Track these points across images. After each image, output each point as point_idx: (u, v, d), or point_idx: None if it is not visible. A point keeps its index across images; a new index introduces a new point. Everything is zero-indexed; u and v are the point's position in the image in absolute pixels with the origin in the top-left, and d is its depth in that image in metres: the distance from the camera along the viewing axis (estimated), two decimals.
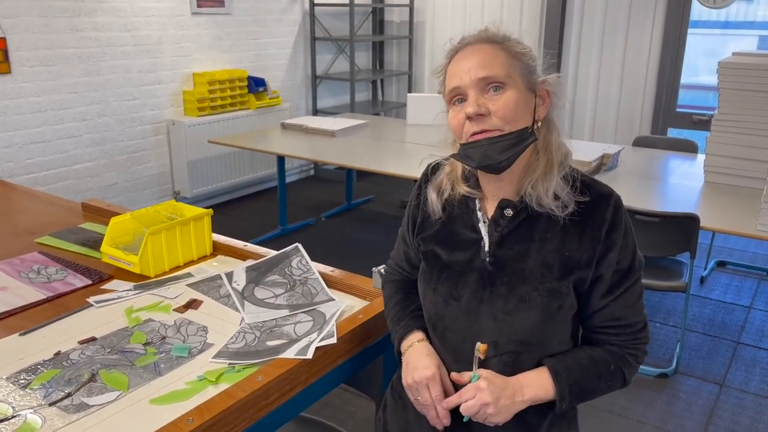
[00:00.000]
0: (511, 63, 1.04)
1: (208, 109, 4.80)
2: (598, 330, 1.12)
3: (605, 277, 1.07)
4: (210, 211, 1.76)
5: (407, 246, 1.26)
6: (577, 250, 1.06)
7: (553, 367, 1.07)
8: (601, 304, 1.09)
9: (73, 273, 1.62)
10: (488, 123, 1.03)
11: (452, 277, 1.13)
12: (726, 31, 10.04)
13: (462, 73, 1.04)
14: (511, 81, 1.03)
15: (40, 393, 1.13)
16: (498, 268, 1.09)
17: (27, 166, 3.95)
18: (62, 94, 4.04)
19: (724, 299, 3.63)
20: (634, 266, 1.09)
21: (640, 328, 1.12)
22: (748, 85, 3.05)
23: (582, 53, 5.23)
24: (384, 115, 6.03)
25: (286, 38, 5.52)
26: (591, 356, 1.10)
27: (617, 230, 1.06)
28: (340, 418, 2.55)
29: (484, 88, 1.03)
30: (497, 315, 1.07)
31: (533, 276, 1.06)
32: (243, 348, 1.27)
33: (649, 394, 2.74)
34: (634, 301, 1.11)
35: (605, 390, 1.12)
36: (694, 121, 4.93)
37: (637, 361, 1.13)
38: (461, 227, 1.14)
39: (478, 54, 1.04)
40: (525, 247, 1.08)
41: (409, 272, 1.29)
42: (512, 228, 1.09)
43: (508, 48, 1.05)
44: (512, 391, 1.06)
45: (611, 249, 1.06)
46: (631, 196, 2.95)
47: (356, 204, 5.24)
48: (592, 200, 1.07)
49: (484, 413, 1.04)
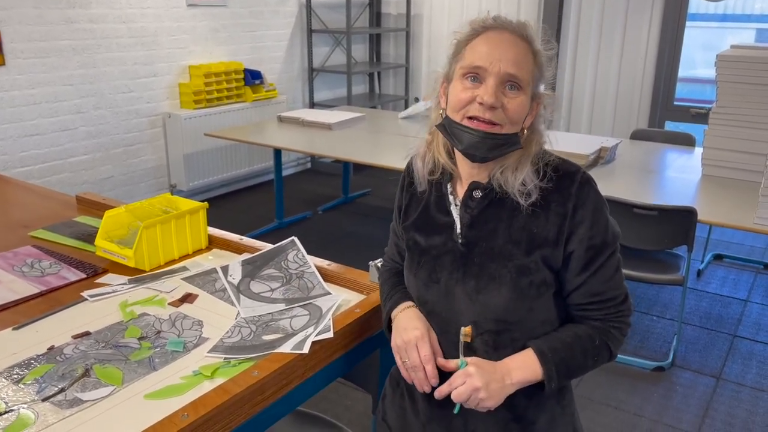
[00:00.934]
0: (533, 71, 1.07)
1: (204, 101, 4.77)
2: (579, 307, 1.13)
3: (578, 254, 1.08)
4: (205, 205, 1.75)
5: (397, 237, 1.29)
6: (544, 226, 1.08)
7: (539, 348, 1.09)
8: (578, 281, 1.10)
9: (67, 267, 1.61)
10: (496, 116, 1.05)
11: (430, 261, 1.15)
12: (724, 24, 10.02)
13: (492, 58, 1.04)
14: (527, 87, 1.06)
15: (33, 388, 1.12)
16: (469, 249, 1.12)
17: (21, 158, 3.93)
18: (57, 87, 4.02)
19: (721, 292, 3.64)
20: (608, 240, 1.10)
21: (621, 301, 1.13)
22: (746, 78, 3.04)
23: (580, 46, 5.22)
24: (381, 108, 6.01)
25: (283, 30, 5.49)
26: (575, 334, 1.11)
27: (584, 206, 1.08)
28: (337, 411, 2.55)
29: (505, 83, 1.05)
30: (471, 295, 1.10)
31: (502, 254, 1.09)
32: (239, 342, 1.26)
33: (645, 387, 2.75)
34: (612, 275, 1.11)
35: (592, 366, 1.13)
36: (691, 115, 4.92)
37: (621, 334, 1.14)
38: (436, 212, 1.18)
39: (515, 48, 1.05)
40: (494, 226, 1.11)
41: (400, 263, 1.31)
42: (482, 209, 1.12)
43: (535, 51, 1.07)
44: (501, 374, 1.07)
45: (580, 225, 1.07)
46: (628, 190, 2.95)
47: (353, 197, 5.23)
48: (558, 178, 1.09)
49: (475, 398, 1.05)
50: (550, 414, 1.17)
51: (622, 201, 2.72)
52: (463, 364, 1.08)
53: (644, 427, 2.50)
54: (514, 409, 1.12)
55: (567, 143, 3.50)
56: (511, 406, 1.11)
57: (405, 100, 6.27)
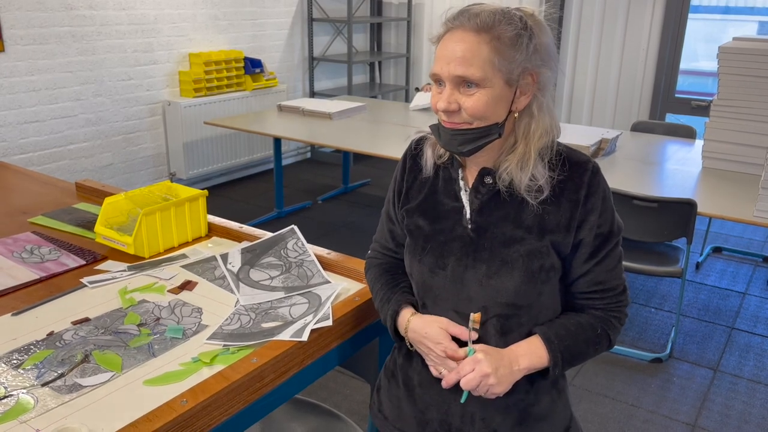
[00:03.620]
0: (492, 61, 1.03)
1: (204, 90, 4.76)
2: (583, 296, 1.15)
3: (587, 241, 1.10)
4: (205, 192, 1.74)
5: (393, 223, 1.28)
6: (556, 212, 1.09)
7: (545, 334, 1.11)
8: (584, 268, 1.12)
9: (66, 253, 1.61)
10: (458, 117, 1.07)
11: (436, 247, 1.15)
12: (726, 17, 9.98)
13: (443, 63, 1.06)
14: (486, 81, 1.03)
15: (32, 373, 1.12)
16: (479, 234, 1.12)
17: (21, 145, 3.92)
18: (56, 73, 4.00)
19: (720, 285, 3.64)
20: (614, 230, 1.12)
21: (620, 291, 1.15)
22: (748, 70, 3.03)
23: (581, 37, 5.20)
24: (381, 98, 5.99)
25: (284, 19, 5.46)
26: (578, 322, 1.14)
27: (595, 194, 1.09)
28: (336, 400, 2.56)
29: (459, 83, 1.05)
30: (482, 280, 1.10)
31: (513, 238, 1.10)
32: (238, 330, 1.26)
33: (643, 379, 2.76)
34: (615, 265, 1.14)
35: (593, 354, 1.16)
36: (692, 107, 4.91)
37: (620, 323, 1.16)
38: (444, 197, 1.18)
39: (462, 46, 1.04)
40: (504, 212, 1.11)
41: (394, 251, 1.29)
42: (492, 194, 1.12)
43: (497, 36, 1.03)
44: (509, 360, 1.09)
45: (591, 212, 1.09)
46: (628, 181, 2.95)
47: (353, 187, 5.22)
48: (570, 167, 1.10)
49: (485, 385, 1.06)
50: (548, 397, 1.19)
51: (622, 193, 2.71)
52: (472, 351, 1.08)
53: (641, 418, 2.51)
54: (512, 393, 1.13)
55: (568, 135, 3.49)
56: (510, 390, 1.12)
57: (405, 90, 6.25)
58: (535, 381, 1.16)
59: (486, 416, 1.16)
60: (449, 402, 1.17)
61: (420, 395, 1.21)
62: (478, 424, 1.16)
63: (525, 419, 1.17)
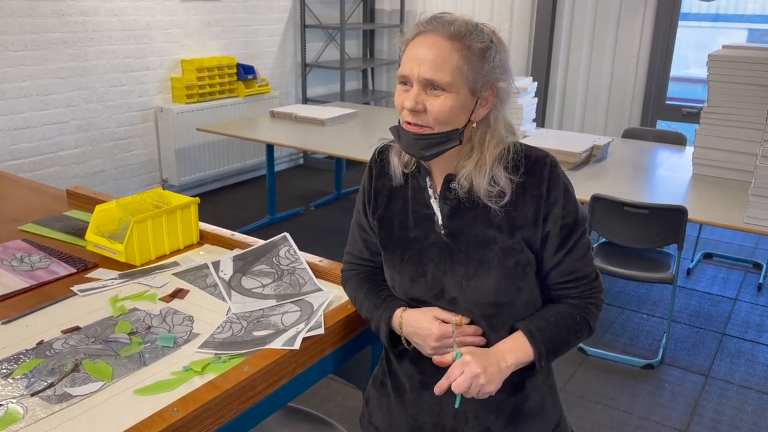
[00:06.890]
0: (461, 68, 1.06)
1: (196, 96, 4.75)
2: (558, 287, 1.18)
3: (554, 233, 1.13)
4: (197, 200, 1.74)
5: (366, 233, 1.28)
6: (522, 209, 1.12)
7: (527, 328, 1.13)
8: (555, 259, 1.15)
9: (57, 261, 1.60)
10: (422, 119, 1.08)
11: (414, 255, 1.17)
12: (716, 24, 10.06)
13: (413, 65, 1.07)
14: (453, 87, 1.06)
15: (22, 383, 1.11)
16: (453, 239, 1.15)
17: (12, 152, 3.90)
18: (48, 80, 3.99)
19: (711, 291, 3.66)
20: (579, 219, 1.15)
21: (593, 278, 1.18)
22: (738, 77, 3.06)
23: (573, 44, 5.23)
24: (374, 104, 6.00)
25: (276, 25, 5.47)
26: (557, 313, 1.16)
27: (556, 187, 1.12)
28: (328, 407, 2.55)
29: (427, 86, 1.07)
30: (461, 282, 1.13)
31: (486, 239, 1.13)
32: (229, 338, 1.25)
33: (634, 385, 2.76)
34: (585, 254, 1.17)
35: (575, 342, 1.18)
36: (683, 114, 4.94)
37: (597, 309, 1.19)
38: (415, 206, 1.19)
39: (433, 50, 1.06)
40: (474, 214, 1.14)
41: (369, 260, 1.30)
42: (460, 199, 1.14)
43: (468, 46, 1.06)
44: (496, 358, 1.10)
45: (554, 205, 1.12)
46: (619, 188, 2.96)
47: (345, 193, 5.22)
48: (529, 164, 1.13)
49: (476, 385, 1.07)
50: (539, 394, 1.21)
51: (613, 199, 2.73)
52: (458, 355, 1.10)
53: (633, 424, 2.52)
54: (504, 390, 1.14)
55: (559, 141, 3.51)
56: (501, 388, 1.13)
57: None
58: (526, 378, 1.18)
59: (479, 414, 1.18)
60: (442, 403, 1.18)
61: (411, 400, 1.22)
62: (472, 422, 1.18)
63: (517, 416, 1.19)
